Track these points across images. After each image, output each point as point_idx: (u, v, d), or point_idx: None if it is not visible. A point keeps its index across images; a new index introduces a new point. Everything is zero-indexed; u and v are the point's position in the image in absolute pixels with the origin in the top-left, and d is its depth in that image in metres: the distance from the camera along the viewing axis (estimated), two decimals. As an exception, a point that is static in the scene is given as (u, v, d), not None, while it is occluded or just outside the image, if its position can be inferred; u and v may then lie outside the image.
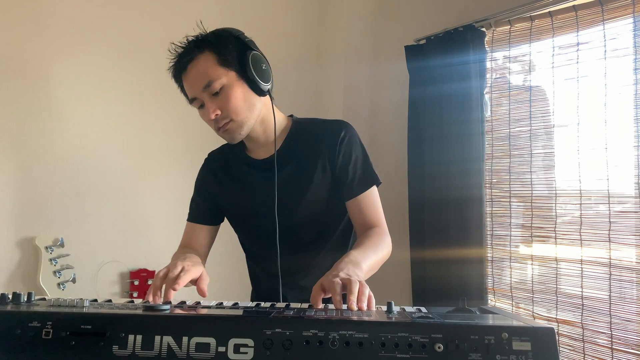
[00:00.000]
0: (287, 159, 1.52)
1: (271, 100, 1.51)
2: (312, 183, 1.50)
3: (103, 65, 2.68)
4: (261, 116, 1.48)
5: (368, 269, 1.29)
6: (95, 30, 2.66)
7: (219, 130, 1.45)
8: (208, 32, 1.46)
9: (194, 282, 1.25)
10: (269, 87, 1.45)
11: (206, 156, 1.70)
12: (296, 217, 1.51)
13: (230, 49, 1.40)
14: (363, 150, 1.54)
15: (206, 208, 1.63)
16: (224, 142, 1.70)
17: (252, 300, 1.72)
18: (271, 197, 1.48)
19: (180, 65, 1.43)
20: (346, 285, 1.08)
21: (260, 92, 1.44)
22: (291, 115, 1.61)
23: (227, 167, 1.62)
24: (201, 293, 1.22)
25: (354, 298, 1.04)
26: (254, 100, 1.44)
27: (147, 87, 2.79)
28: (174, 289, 1.14)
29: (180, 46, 1.45)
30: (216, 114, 1.40)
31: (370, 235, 1.43)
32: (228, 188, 1.60)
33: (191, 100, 1.44)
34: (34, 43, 2.51)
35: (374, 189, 1.52)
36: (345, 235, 1.60)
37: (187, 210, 1.66)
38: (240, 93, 1.40)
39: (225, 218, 1.67)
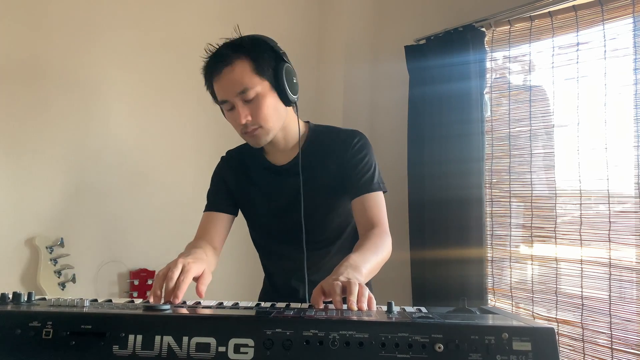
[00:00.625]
0: (304, 165, 1.57)
1: (296, 109, 1.58)
2: (325, 187, 1.57)
3: (103, 65, 2.68)
4: (284, 124, 1.55)
5: (368, 272, 1.31)
6: (95, 30, 2.66)
7: (246, 134, 1.49)
8: (244, 36, 1.49)
9: (196, 279, 1.25)
10: (296, 98, 1.53)
11: (224, 154, 1.75)
12: (309, 218, 1.56)
13: (265, 59, 1.46)
14: (374, 158, 1.60)
15: (223, 197, 1.67)
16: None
17: (261, 295, 1.81)
18: (288, 201, 1.57)
19: (215, 68, 1.45)
20: (346, 288, 1.09)
21: (288, 103, 1.51)
22: (307, 122, 1.67)
23: (245, 168, 1.67)
24: (198, 294, 1.23)
25: (353, 299, 1.04)
26: (282, 110, 1.51)
27: (148, 88, 2.79)
28: (174, 302, 1.14)
29: (216, 47, 1.48)
30: (247, 120, 1.44)
31: (370, 237, 1.45)
32: (246, 188, 1.66)
33: (221, 102, 1.48)
34: (33, 42, 2.51)
35: (381, 194, 1.56)
36: (356, 233, 1.63)
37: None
38: (271, 102, 1.46)
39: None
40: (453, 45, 2.75)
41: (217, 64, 1.45)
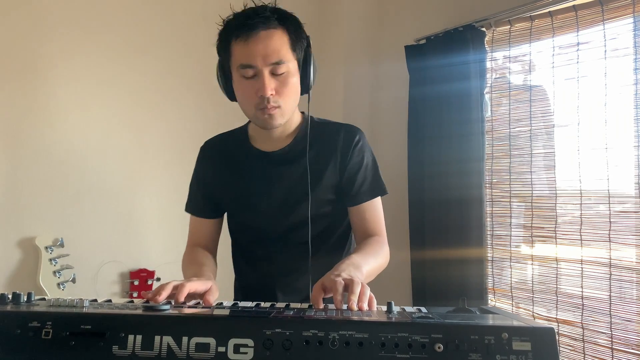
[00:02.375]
0: (298, 156, 1.48)
1: (308, 98, 1.47)
2: (320, 183, 1.47)
3: (102, 65, 2.68)
4: None
5: (368, 274, 1.29)
6: (94, 30, 2.66)
7: (262, 111, 1.35)
8: (282, 8, 1.39)
9: (201, 295, 1.21)
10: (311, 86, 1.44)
11: (202, 145, 1.63)
12: (298, 215, 1.49)
13: (301, 39, 1.38)
14: (373, 158, 1.53)
15: (208, 202, 1.58)
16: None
17: (234, 299, 1.68)
18: (283, 191, 1.48)
19: (251, 27, 1.30)
20: (348, 286, 1.08)
21: (305, 90, 1.42)
22: (302, 112, 1.56)
23: (229, 157, 1.55)
24: (206, 303, 1.18)
25: (355, 298, 1.03)
26: (299, 95, 1.42)
27: (146, 87, 2.79)
28: (178, 300, 1.12)
29: (254, 6, 1.35)
30: (271, 94, 1.33)
31: (371, 243, 1.43)
32: (230, 180, 1.54)
33: (244, 66, 1.33)
34: (34, 42, 2.51)
35: (379, 200, 1.52)
36: (342, 239, 1.58)
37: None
38: (296, 84, 1.38)
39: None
40: (453, 45, 2.74)
41: (254, 23, 1.30)
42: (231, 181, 1.54)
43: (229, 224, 1.63)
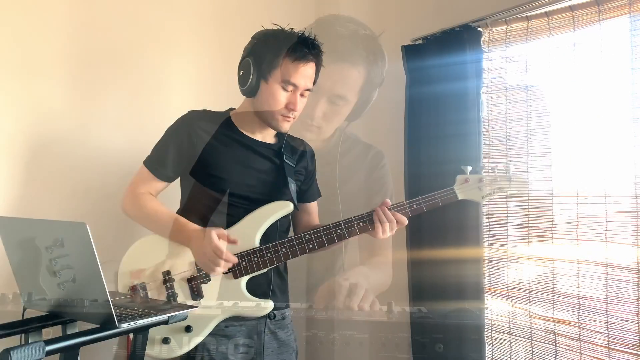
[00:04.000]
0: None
1: None
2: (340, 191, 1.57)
3: (102, 64, 2.67)
4: None
5: (374, 286, 1.34)
6: (93, 28, 2.66)
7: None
8: (376, 44, 1.58)
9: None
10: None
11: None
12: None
13: (374, 86, 1.59)
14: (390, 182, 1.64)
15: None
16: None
17: None
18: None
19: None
20: (352, 290, 1.10)
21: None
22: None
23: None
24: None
25: (357, 299, 1.06)
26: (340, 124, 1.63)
27: (146, 87, 2.79)
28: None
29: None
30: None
31: (378, 262, 1.50)
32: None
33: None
34: (30, 41, 2.50)
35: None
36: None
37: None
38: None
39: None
40: (450, 45, 2.75)
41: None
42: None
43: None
